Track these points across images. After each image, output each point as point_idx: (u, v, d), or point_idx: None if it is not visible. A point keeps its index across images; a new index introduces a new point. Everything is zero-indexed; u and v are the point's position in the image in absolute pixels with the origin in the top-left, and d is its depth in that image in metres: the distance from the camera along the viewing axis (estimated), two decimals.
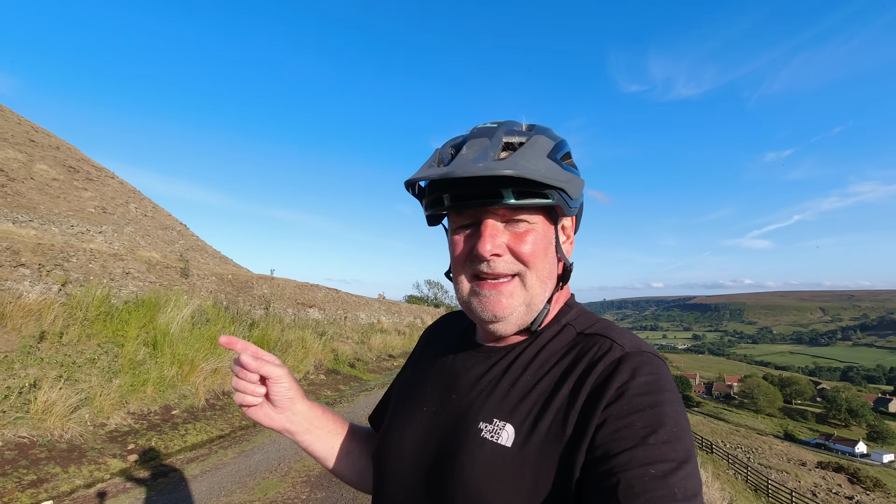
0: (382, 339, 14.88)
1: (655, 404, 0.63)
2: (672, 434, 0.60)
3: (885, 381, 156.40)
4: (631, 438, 0.60)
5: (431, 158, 0.77)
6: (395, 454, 0.80)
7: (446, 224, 0.85)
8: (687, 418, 0.64)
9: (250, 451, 5.18)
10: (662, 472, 0.56)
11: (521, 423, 0.68)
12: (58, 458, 4.15)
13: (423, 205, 0.81)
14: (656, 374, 0.67)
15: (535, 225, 0.75)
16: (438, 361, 0.90)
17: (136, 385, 5.52)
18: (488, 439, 0.69)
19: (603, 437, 0.61)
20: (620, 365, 0.67)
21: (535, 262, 0.75)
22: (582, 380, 0.68)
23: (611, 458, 0.59)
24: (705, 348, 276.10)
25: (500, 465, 0.66)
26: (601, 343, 0.72)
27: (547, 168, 0.71)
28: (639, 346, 0.71)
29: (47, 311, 5.56)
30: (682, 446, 0.59)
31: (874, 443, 64.67)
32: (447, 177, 0.69)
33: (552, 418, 0.67)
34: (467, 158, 0.70)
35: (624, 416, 0.62)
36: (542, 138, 0.74)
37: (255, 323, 8.95)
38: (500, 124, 0.77)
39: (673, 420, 0.61)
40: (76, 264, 7.20)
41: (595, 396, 0.65)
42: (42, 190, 10.95)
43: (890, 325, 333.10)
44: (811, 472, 30.02)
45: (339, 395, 8.62)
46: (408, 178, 0.76)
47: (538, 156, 0.71)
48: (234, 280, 11.48)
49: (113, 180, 15.12)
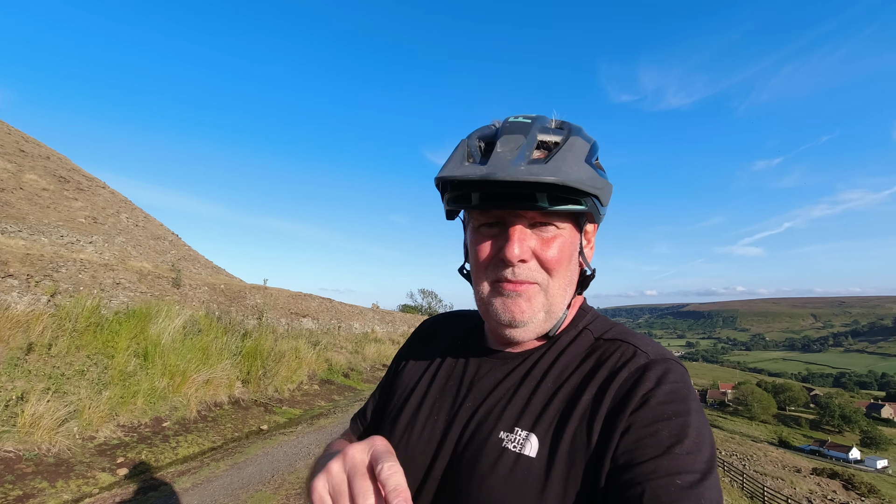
0: (377, 348, 14.78)
1: (680, 413, 0.62)
2: (696, 444, 0.59)
3: (877, 386, 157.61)
4: (656, 447, 0.59)
5: (460, 152, 0.72)
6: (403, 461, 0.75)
7: (464, 217, 0.82)
8: (710, 428, 0.63)
9: (243, 463, 5.10)
10: (688, 483, 0.55)
11: (546, 433, 0.66)
12: (45, 472, 4.05)
13: (446, 199, 0.76)
14: (680, 383, 0.66)
15: (563, 231, 0.73)
16: (445, 364, 0.86)
17: (126, 397, 5.43)
18: (510, 449, 0.66)
19: (627, 444, 0.60)
20: (645, 372, 0.66)
21: (560, 270, 0.73)
22: (605, 386, 0.66)
23: (635, 466, 0.58)
24: (699, 355, 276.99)
25: (524, 476, 0.64)
26: (623, 349, 0.71)
27: (587, 175, 0.67)
28: (662, 354, 0.70)
29: (36, 323, 5.47)
30: (706, 457, 0.59)
31: (868, 448, 64.95)
32: (488, 178, 0.65)
33: (576, 427, 0.65)
34: (505, 159, 0.66)
35: (649, 424, 0.61)
36: (579, 140, 0.70)
37: (248, 333, 8.86)
38: (533, 120, 0.73)
39: (697, 430, 0.60)
40: (66, 275, 7.11)
41: (619, 404, 0.64)
42: (31, 200, 10.84)
43: (881, 331, 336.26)
44: (806, 479, 30.02)
45: (333, 405, 8.53)
46: (440, 175, 0.71)
47: (578, 161, 0.68)
48: (227, 290, 11.39)
49: (104, 190, 15.01)
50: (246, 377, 7.64)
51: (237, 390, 7.20)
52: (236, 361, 7.54)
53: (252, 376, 7.70)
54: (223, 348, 7.50)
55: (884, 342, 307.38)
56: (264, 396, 7.67)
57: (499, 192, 0.69)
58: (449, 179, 0.69)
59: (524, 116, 0.75)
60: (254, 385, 7.66)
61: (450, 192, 0.73)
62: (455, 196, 0.73)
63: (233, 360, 7.42)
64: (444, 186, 0.75)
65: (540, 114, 0.77)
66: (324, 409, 8.17)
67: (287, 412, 7.48)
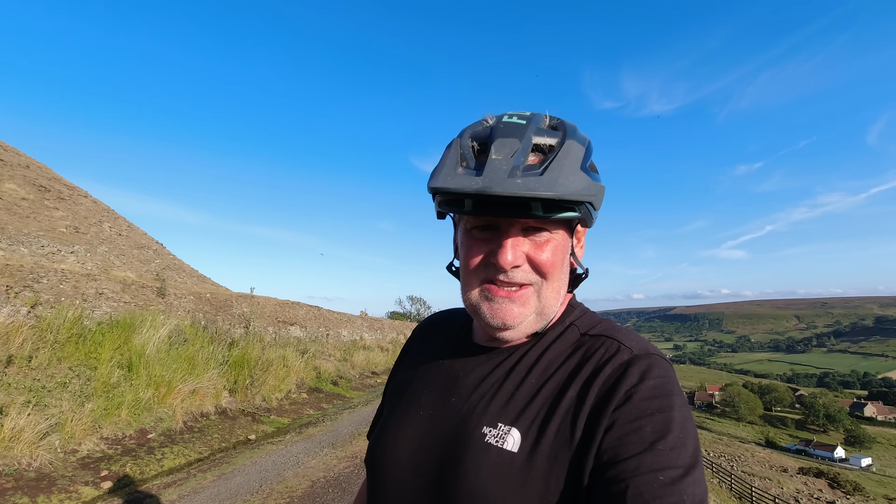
0: (365, 356, 14.68)
1: (664, 409, 0.62)
2: (680, 439, 0.59)
3: (860, 385, 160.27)
4: (640, 443, 0.59)
5: (452, 155, 0.70)
6: (392, 459, 0.76)
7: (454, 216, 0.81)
8: (694, 423, 0.64)
9: (230, 473, 5.02)
10: (671, 479, 0.56)
11: (528, 428, 0.66)
12: (25, 487, 3.95)
13: (437, 202, 0.74)
14: (664, 378, 0.66)
15: (555, 235, 0.73)
16: (435, 362, 0.86)
17: (109, 409, 5.32)
18: (493, 444, 0.66)
19: (611, 441, 0.61)
20: (629, 368, 0.66)
21: (553, 273, 0.73)
22: (589, 382, 0.67)
23: (619, 462, 0.58)
24: (686, 358, 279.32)
25: (507, 471, 0.64)
26: (608, 345, 0.71)
27: (582, 185, 0.66)
28: (646, 349, 0.70)
29: (15, 335, 5.34)
30: (690, 452, 0.59)
31: (852, 447, 65.96)
32: (483, 192, 0.63)
33: (560, 422, 0.65)
34: (501, 168, 0.65)
35: (632, 420, 0.61)
36: (574, 145, 0.69)
37: (234, 342, 8.75)
38: (528, 120, 0.72)
39: (681, 425, 0.61)
40: (47, 285, 6.97)
41: (603, 400, 0.64)
42: (10, 210, 10.63)
43: (862, 331, 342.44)
44: (793, 479, 30.37)
45: (322, 413, 8.45)
46: (433, 185, 0.68)
47: (573, 170, 0.67)
48: (213, 299, 11.25)
49: (86, 199, 14.77)
50: (233, 387, 7.54)
51: (224, 400, 7.10)
52: (223, 371, 7.44)
53: (239, 386, 7.60)
54: (210, 358, 7.39)
55: (865, 342, 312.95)
56: (252, 406, 7.57)
57: (493, 199, 0.67)
58: (441, 190, 0.68)
59: (518, 115, 0.73)
60: (241, 394, 7.56)
61: (442, 195, 0.71)
62: (447, 200, 0.71)
63: (220, 370, 7.32)
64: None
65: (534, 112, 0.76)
66: (312, 417, 8.09)
67: (275, 421, 7.39)
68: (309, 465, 5.44)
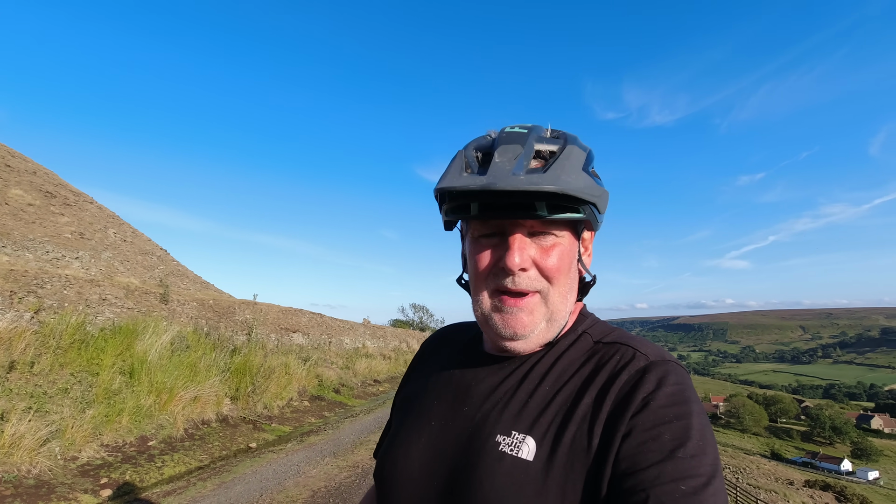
0: (367, 363, 14.63)
1: (682, 416, 0.60)
2: (700, 447, 0.58)
3: (866, 397, 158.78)
4: (659, 451, 0.57)
5: (458, 163, 0.72)
6: (402, 471, 0.75)
7: (462, 227, 0.82)
8: (712, 430, 0.62)
9: (231, 482, 4.98)
10: (692, 489, 0.54)
11: (543, 436, 0.65)
12: (24, 494, 3.92)
13: (444, 210, 0.76)
14: (682, 385, 0.65)
15: (561, 239, 0.73)
16: (445, 373, 0.85)
17: (110, 415, 5.30)
18: (507, 453, 0.65)
19: (629, 449, 0.59)
20: (645, 374, 0.65)
21: (560, 278, 0.73)
22: (605, 390, 0.65)
23: (638, 472, 0.57)
24: (690, 368, 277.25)
25: (522, 480, 0.62)
26: (623, 352, 0.70)
27: (584, 183, 0.68)
28: (662, 356, 0.69)
29: (18, 340, 5.34)
30: (710, 460, 0.57)
31: (859, 460, 65.17)
32: (488, 188, 0.65)
33: (576, 430, 0.64)
34: (504, 169, 0.66)
35: (651, 427, 0.60)
36: (575, 149, 0.71)
37: (237, 349, 8.73)
38: (529, 130, 0.74)
39: (700, 433, 0.59)
40: (50, 291, 6.98)
41: (620, 407, 0.63)
42: (16, 215, 10.69)
43: (868, 342, 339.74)
44: (799, 492, 29.97)
45: (323, 421, 8.40)
46: (440, 186, 0.71)
47: (575, 169, 0.68)
48: (216, 305, 11.25)
49: (91, 205, 14.85)
50: (235, 394, 7.51)
51: (226, 407, 7.07)
52: (225, 378, 7.41)
53: (241, 393, 7.57)
54: (211, 365, 7.37)
55: (871, 353, 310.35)
56: (253, 413, 7.53)
57: (498, 201, 0.68)
58: (448, 190, 0.69)
59: (520, 126, 0.75)
60: (243, 402, 7.53)
61: (448, 202, 0.73)
62: (454, 206, 0.73)
63: (221, 377, 7.29)
64: (443, 197, 0.74)
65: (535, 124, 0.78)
66: (314, 425, 8.04)
67: (276, 429, 7.35)
68: (310, 475, 5.39)
